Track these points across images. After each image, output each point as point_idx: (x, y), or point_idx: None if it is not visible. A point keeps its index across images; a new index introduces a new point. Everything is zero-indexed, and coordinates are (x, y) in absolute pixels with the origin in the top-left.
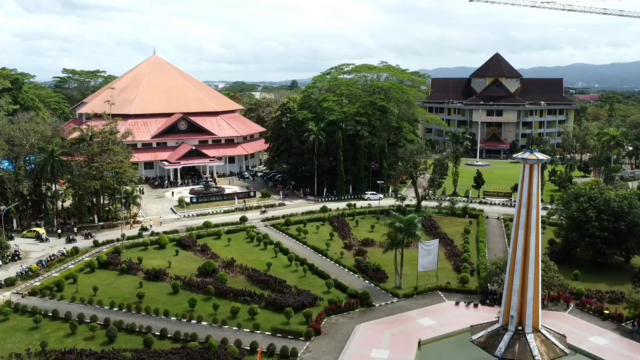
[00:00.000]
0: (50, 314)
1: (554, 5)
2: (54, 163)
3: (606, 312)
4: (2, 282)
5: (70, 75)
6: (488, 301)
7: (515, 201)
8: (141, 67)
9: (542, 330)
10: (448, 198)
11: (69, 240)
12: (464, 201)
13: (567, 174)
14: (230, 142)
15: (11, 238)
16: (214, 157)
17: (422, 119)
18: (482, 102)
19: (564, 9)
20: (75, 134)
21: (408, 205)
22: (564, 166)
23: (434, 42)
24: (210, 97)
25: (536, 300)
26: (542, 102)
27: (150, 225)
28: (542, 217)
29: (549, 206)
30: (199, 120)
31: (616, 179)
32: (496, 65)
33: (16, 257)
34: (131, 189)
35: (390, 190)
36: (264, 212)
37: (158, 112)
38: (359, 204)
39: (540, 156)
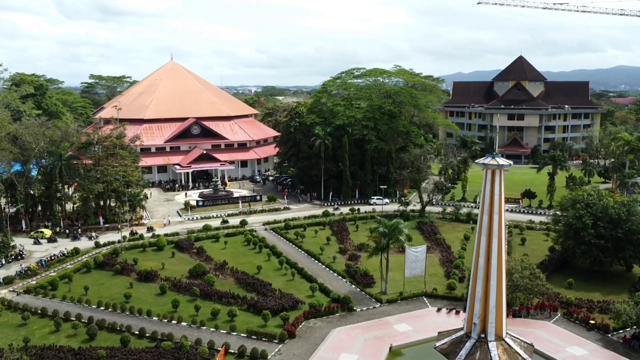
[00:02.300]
0: (39, 312)
1: (567, 7)
2: (62, 166)
3: (592, 322)
4: (1, 281)
5: (97, 80)
6: None
7: (524, 207)
8: (158, 73)
9: (506, 339)
10: (452, 203)
11: (133, 234)
12: (471, 207)
13: (582, 180)
14: (242, 146)
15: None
16: (225, 161)
17: (440, 123)
18: (502, 106)
19: (577, 10)
20: (84, 138)
21: (413, 211)
22: (583, 172)
23: (470, 45)
24: (224, 102)
25: (499, 308)
26: (565, 106)
27: (165, 225)
28: (547, 223)
29: (559, 213)
30: (212, 125)
31: (635, 185)
32: (519, 68)
33: (19, 257)
34: (137, 192)
35: (398, 195)
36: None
37: (172, 117)
38: (363, 208)
39: (502, 161)
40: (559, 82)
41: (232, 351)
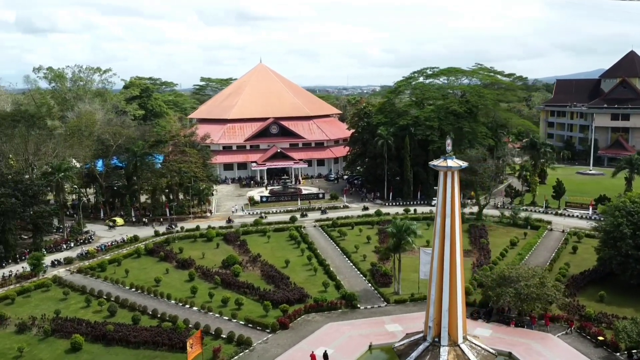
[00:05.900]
0: (80, 289)
1: None
2: (136, 162)
3: (600, 338)
4: (62, 261)
5: (207, 82)
6: (481, 314)
7: (598, 213)
8: (247, 76)
9: (462, 345)
10: (511, 207)
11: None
12: (539, 211)
13: None
14: (320, 145)
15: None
16: (299, 159)
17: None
18: (605, 105)
19: None
20: (154, 137)
21: (471, 213)
22: None
23: (612, 40)
24: (305, 103)
25: (453, 312)
26: None
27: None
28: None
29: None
30: (290, 125)
31: None
32: (629, 65)
33: (87, 241)
34: (203, 186)
35: (466, 197)
36: (324, 212)
37: (254, 117)
38: (421, 209)
39: (451, 163)
40: None
41: (223, 336)
